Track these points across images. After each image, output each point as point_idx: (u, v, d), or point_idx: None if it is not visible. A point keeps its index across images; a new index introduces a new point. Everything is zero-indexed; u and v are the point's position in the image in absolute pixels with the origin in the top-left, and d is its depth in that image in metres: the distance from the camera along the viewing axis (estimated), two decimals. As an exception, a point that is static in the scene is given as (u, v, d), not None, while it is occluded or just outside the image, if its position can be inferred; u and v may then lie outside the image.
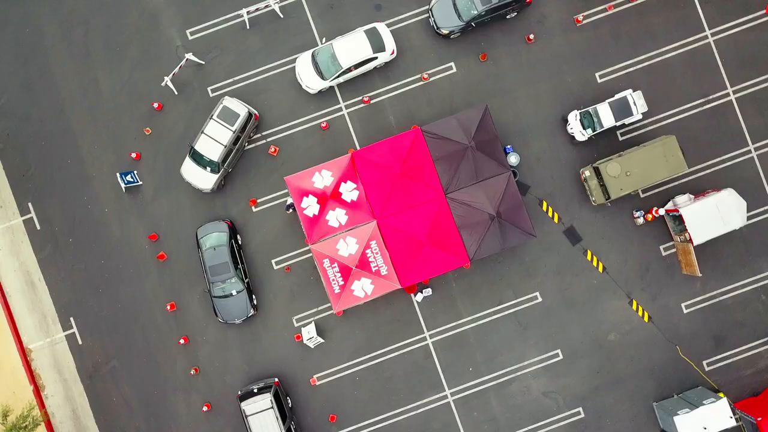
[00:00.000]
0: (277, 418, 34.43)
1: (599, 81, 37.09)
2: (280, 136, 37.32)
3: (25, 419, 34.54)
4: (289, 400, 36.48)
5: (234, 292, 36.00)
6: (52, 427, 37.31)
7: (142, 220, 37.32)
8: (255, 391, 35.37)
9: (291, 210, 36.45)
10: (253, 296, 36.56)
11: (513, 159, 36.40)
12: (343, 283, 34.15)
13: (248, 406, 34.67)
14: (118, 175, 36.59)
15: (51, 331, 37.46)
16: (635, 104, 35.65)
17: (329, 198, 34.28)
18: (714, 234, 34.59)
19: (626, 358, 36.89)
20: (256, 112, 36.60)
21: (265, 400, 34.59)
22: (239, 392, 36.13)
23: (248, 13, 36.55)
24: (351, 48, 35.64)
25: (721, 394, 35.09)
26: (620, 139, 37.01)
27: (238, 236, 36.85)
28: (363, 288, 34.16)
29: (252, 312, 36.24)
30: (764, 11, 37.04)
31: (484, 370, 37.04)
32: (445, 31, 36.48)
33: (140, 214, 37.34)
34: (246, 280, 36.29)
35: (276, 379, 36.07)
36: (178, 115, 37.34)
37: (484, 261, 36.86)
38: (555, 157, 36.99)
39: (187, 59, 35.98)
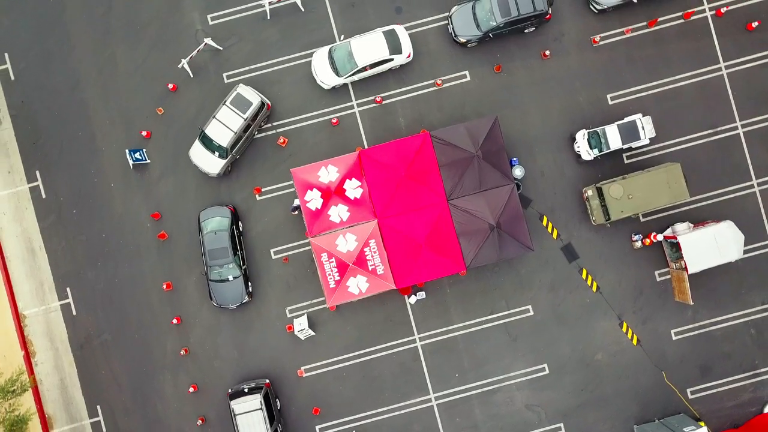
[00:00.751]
0: (264, 419, 34.74)
1: (610, 102, 37.42)
2: (290, 128, 37.69)
3: (14, 383, 34.96)
4: (279, 402, 36.80)
5: (230, 278, 36.36)
6: (39, 394, 37.70)
7: (146, 198, 37.71)
8: (245, 390, 35.67)
9: (297, 212, 36.81)
10: (249, 283, 36.92)
11: (518, 172, 36.73)
12: (338, 278, 34.51)
13: (237, 405, 34.96)
14: (127, 151, 36.98)
15: (47, 299, 37.84)
16: (643, 129, 35.98)
17: (333, 193, 34.63)
18: (709, 264, 34.91)
19: (612, 378, 37.21)
20: (269, 102, 36.97)
21: (255, 400, 34.90)
22: (230, 390, 36.44)
23: (270, 3, 36.93)
24: (368, 47, 36.00)
25: (702, 423, 35.41)
26: (626, 161, 37.33)
27: (240, 223, 37.21)
28: (358, 285, 34.52)
29: (246, 299, 36.60)
30: (779, 49, 37.41)
31: (471, 377, 37.38)
32: (462, 40, 36.83)
33: (145, 192, 37.72)
34: (243, 267, 36.65)
35: (267, 381, 36.39)
36: (192, 98, 37.71)
37: (479, 269, 37.19)
38: (559, 173, 37.32)
39: (205, 44, 36.35)
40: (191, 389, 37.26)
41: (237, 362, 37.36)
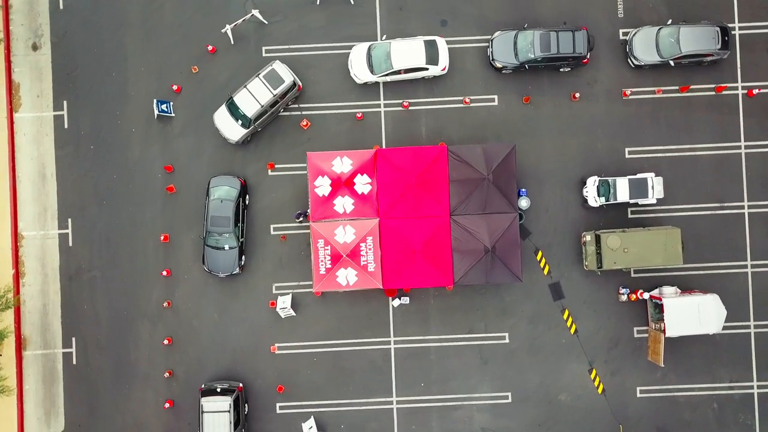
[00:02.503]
0: (230, 422, 35.45)
1: (627, 156, 38.15)
2: (316, 113, 38.51)
3: (0, 299, 35.85)
4: (247, 407, 37.49)
5: (227, 247, 37.14)
6: (20, 314, 38.56)
7: (163, 149, 38.56)
8: (218, 390, 36.34)
9: (301, 219, 37.49)
10: (243, 256, 37.70)
11: (524, 203, 37.47)
12: (330, 266, 35.32)
13: (207, 403, 35.70)
14: (155, 101, 37.83)
15: (47, 225, 38.71)
16: (653, 188, 36.69)
17: (342, 184, 35.43)
18: (688, 332, 35.60)
19: (570, 421, 37.90)
20: (300, 84, 37.80)
21: (225, 402, 35.60)
22: (202, 386, 37.14)
23: (322, -10, 37.76)
24: (407, 53, 36.80)
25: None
26: (629, 215, 38.06)
27: (247, 196, 37.99)
28: (347, 277, 35.32)
29: (237, 270, 37.37)
30: (801, 140, 38.08)
31: (435, 389, 38.13)
32: (498, 65, 37.61)
33: (163, 144, 38.57)
34: (241, 240, 37.43)
35: (240, 385, 37.13)
36: (228, 64, 38.56)
37: (466, 288, 37.96)
38: (563, 213, 38.06)
39: (252, 15, 37.20)
40: (166, 341, 38.09)
41: (215, 325, 38.19)
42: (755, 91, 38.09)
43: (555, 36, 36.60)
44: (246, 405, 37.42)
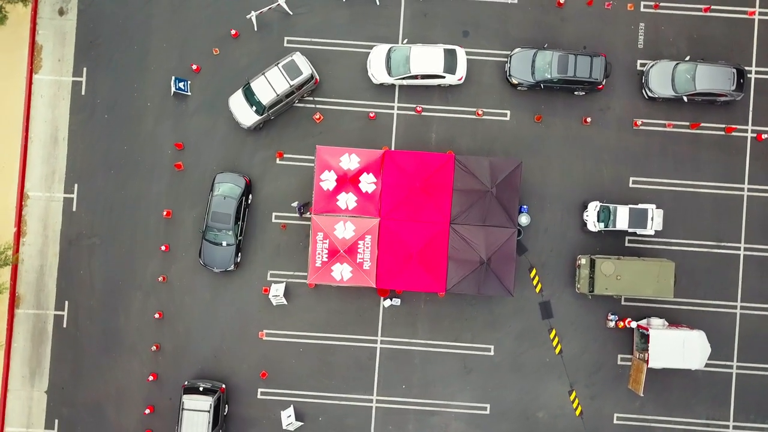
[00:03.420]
0: (208, 422, 35.93)
1: (630, 185, 38.55)
2: (329, 108, 38.95)
3: (-1, 254, 36.43)
4: (227, 409, 37.88)
5: (224, 243, 37.54)
6: (16, 272, 39.04)
7: (175, 126, 39.02)
8: (201, 389, 36.78)
9: (301, 211, 37.84)
10: (240, 253, 38.11)
11: (524, 219, 37.87)
12: (326, 260, 35.76)
13: (189, 401, 36.18)
14: (173, 78, 38.30)
15: (53, 188, 39.19)
16: (652, 219, 37.07)
17: (348, 181, 35.87)
18: (671, 365, 35.97)
19: (545, 439, 38.38)
20: (318, 77, 38.24)
21: (206, 402, 36.09)
22: (185, 383, 37.54)
23: (350, -12, 38.20)
24: (426, 59, 37.24)
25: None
26: (626, 244, 38.44)
27: (250, 195, 38.34)
28: (342, 272, 35.76)
29: (232, 267, 37.77)
30: (804, 189, 38.44)
31: (416, 393, 38.54)
32: (515, 81, 38.02)
33: (176, 121, 39.03)
34: (239, 238, 37.83)
35: (223, 386, 37.55)
36: (249, 50, 39.02)
37: (457, 296, 38.36)
38: (561, 234, 38.46)
39: (278, 4, 37.66)
40: (157, 315, 38.55)
41: (207, 305, 38.64)
42: (764, 136, 38.46)
43: (573, 59, 37.02)
44: (227, 406, 37.82)
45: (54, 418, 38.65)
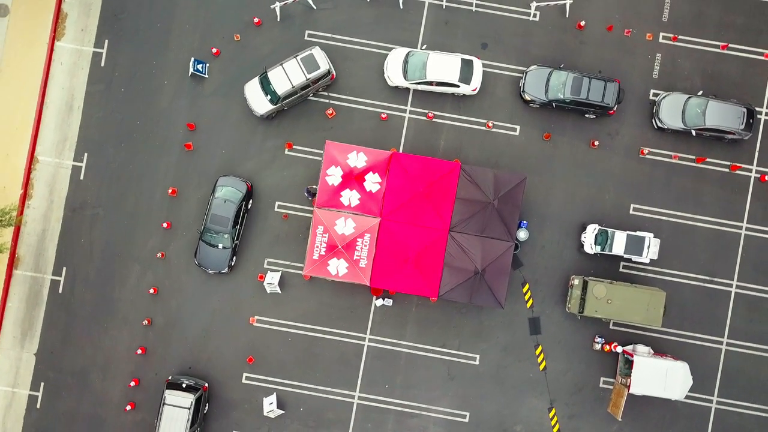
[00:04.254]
0: (187, 419, 36.41)
1: (631, 212, 38.95)
2: (343, 105, 39.41)
3: (4, 215, 36.79)
4: (207, 407, 38.32)
5: (220, 246, 37.97)
6: (18, 234, 39.53)
7: (190, 107, 39.49)
8: (183, 386, 37.28)
9: (311, 196, 38.27)
10: (235, 257, 38.54)
11: (522, 234, 38.30)
12: (324, 253, 36.21)
13: (170, 396, 36.70)
14: (192, 59, 38.77)
15: (63, 155, 39.70)
16: (648, 248, 37.48)
17: (353, 178, 36.32)
18: (651, 393, 36.35)
19: (520, 453, 38.80)
20: (335, 73, 38.70)
21: (187, 400, 36.57)
22: (169, 378, 38.05)
23: (375, -11, 38.63)
24: (442, 66, 37.69)
25: None
26: (620, 269, 38.84)
27: (251, 201, 38.73)
28: (337, 267, 36.21)
29: (226, 270, 38.23)
30: (801, 234, 38.83)
31: (398, 393, 38.97)
32: (527, 97, 38.45)
33: (191, 102, 39.50)
34: (236, 242, 38.22)
35: (206, 384, 38.02)
36: (269, 39, 39.48)
37: (449, 303, 38.80)
38: (558, 253, 38.88)
39: (303, -2, 38.22)
40: (152, 290, 39.02)
41: (202, 284, 39.09)
42: (768, 177, 38.98)
43: (587, 82, 37.45)
44: (207, 405, 38.27)
45: (40, 380, 39.16)
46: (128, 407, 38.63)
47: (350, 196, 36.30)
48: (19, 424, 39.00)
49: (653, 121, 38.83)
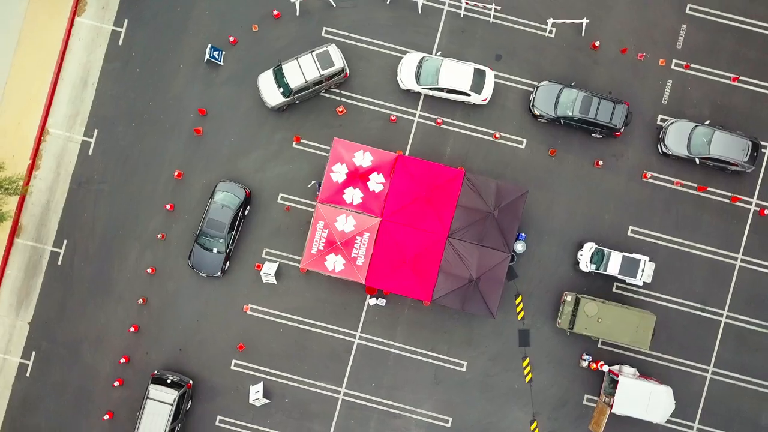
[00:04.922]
0: (169, 415, 36.85)
1: (628, 234, 39.30)
2: (354, 103, 39.79)
3: (11, 183, 37.23)
4: (190, 404, 38.71)
5: (215, 250, 38.32)
6: (23, 203, 39.96)
7: (203, 92, 39.90)
8: (168, 381, 37.73)
9: (316, 188, 38.63)
10: (228, 262, 38.87)
11: (519, 247, 38.65)
12: (322, 248, 36.60)
13: (154, 390, 37.13)
14: (209, 46, 39.16)
15: (74, 129, 40.12)
16: (643, 270, 37.81)
17: (358, 177, 36.70)
18: (633, 414, 36.68)
19: (499, 462, 39.15)
20: (348, 72, 39.08)
21: (170, 396, 37.02)
22: (155, 372, 38.42)
23: (396, -8, 39.00)
24: (455, 74, 38.06)
25: None
26: (613, 289, 39.19)
27: (248, 207, 39.02)
28: (335, 263, 36.60)
29: (219, 274, 38.61)
30: (795, 270, 39.13)
31: (383, 393, 39.34)
32: (536, 112, 38.82)
33: (204, 87, 39.91)
34: (230, 247, 38.57)
35: (190, 381, 38.43)
36: (287, 32, 39.88)
37: (441, 308, 39.17)
38: (553, 268, 39.23)
39: (324, -5, 38.58)
40: (149, 270, 39.43)
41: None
42: (767, 211, 39.17)
43: (597, 102, 37.81)
44: (190, 402, 38.65)
45: (32, 349, 39.59)
46: (116, 383, 39.05)
47: (353, 194, 36.68)
48: (7, 390, 39.44)
49: (659, 146, 39.16)
